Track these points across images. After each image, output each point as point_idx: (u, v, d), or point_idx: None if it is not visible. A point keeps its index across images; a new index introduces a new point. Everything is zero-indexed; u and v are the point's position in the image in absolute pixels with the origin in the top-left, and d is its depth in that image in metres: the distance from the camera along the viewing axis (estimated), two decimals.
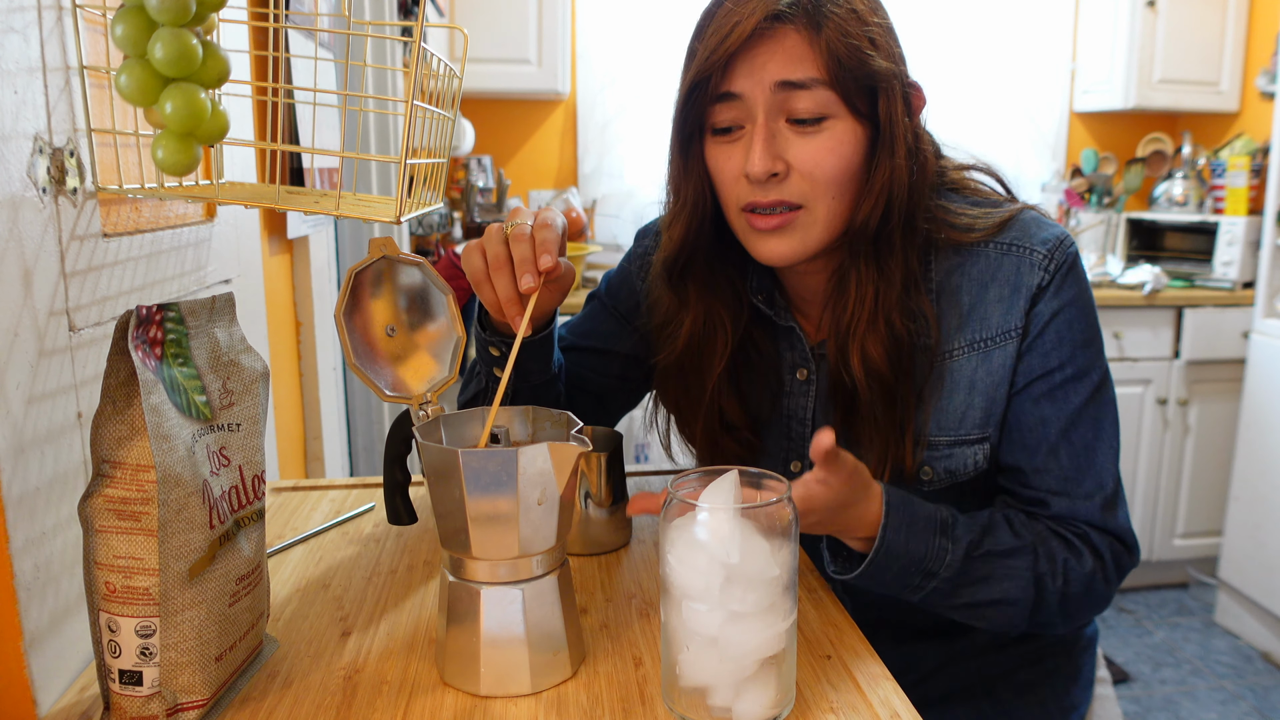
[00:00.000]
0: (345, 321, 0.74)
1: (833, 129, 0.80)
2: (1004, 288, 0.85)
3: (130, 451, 0.56)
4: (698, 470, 0.64)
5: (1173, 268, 3.08)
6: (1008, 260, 0.85)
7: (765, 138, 0.79)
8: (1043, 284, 0.83)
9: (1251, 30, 3.17)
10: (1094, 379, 0.84)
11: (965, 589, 0.80)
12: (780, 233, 0.82)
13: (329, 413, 1.57)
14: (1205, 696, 2.49)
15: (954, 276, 0.87)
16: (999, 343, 0.84)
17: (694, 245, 0.89)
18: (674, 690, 0.62)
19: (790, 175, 0.81)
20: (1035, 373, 0.84)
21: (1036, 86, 3.38)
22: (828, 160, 0.80)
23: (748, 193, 0.82)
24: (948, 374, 0.86)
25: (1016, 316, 0.84)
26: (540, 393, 0.94)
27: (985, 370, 0.85)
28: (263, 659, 0.69)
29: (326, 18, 1.49)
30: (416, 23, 0.67)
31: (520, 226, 0.77)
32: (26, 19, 0.62)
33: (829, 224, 0.83)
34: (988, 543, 0.80)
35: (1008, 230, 0.86)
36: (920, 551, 0.77)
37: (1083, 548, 0.82)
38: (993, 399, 0.85)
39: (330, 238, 1.75)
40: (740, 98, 0.80)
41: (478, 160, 3.06)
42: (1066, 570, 0.81)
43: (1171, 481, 3.00)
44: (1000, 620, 0.82)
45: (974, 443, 0.86)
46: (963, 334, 0.86)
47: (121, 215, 0.76)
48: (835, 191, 0.81)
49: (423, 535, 0.93)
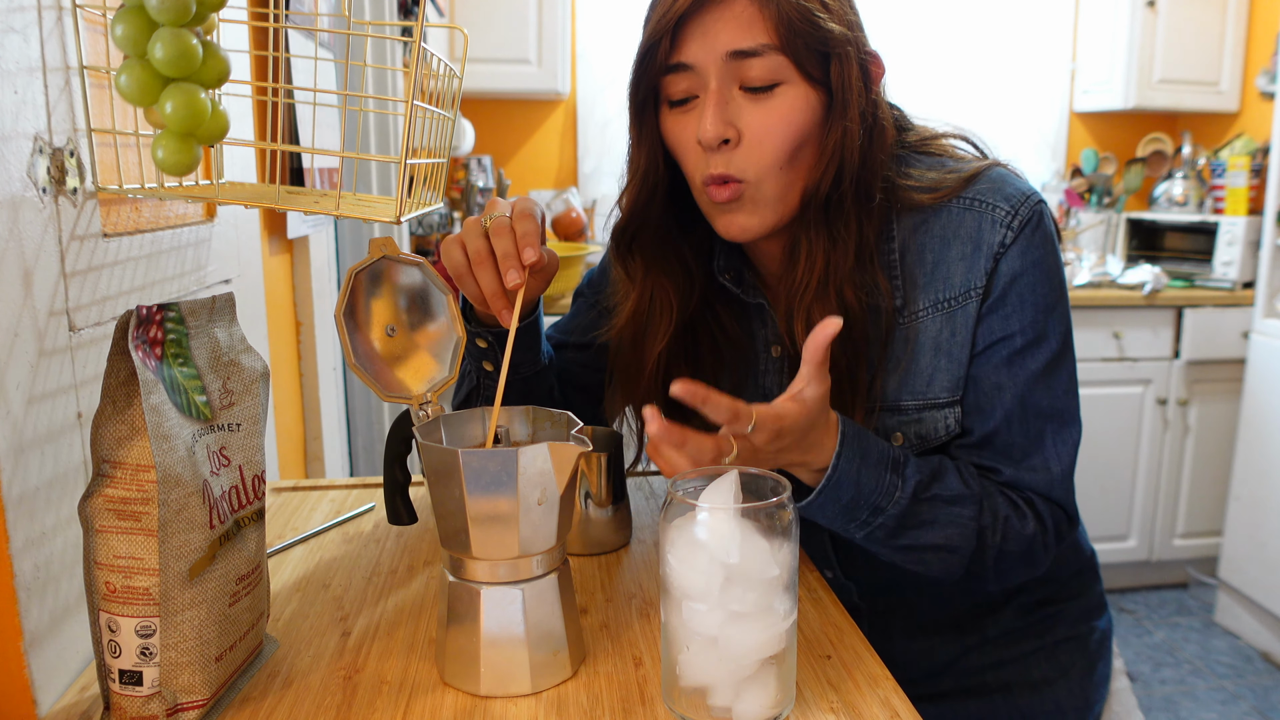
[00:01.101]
0: (345, 321, 0.74)
1: (785, 95, 0.78)
2: (966, 245, 0.82)
3: (130, 451, 0.56)
4: (698, 470, 0.64)
5: (1173, 268, 3.08)
6: (969, 216, 0.83)
7: (717, 104, 0.78)
8: (1005, 241, 0.81)
9: (1251, 30, 3.17)
10: (1053, 345, 0.82)
11: (909, 530, 0.78)
12: (734, 207, 0.81)
13: (329, 413, 1.57)
14: (1205, 696, 2.49)
15: (918, 235, 0.85)
16: (961, 302, 0.82)
17: (642, 217, 0.87)
18: (674, 690, 0.62)
19: (742, 143, 0.79)
20: (994, 336, 0.82)
21: (1036, 86, 3.38)
22: (780, 127, 0.78)
23: (705, 164, 0.81)
24: (913, 337, 0.84)
25: (978, 275, 0.82)
26: (532, 385, 0.93)
27: (949, 331, 0.83)
28: (263, 659, 0.69)
29: (326, 18, 1.49)
30: (416, 23, 0.67)
31: (499, 219, 0.76)
32: (26, 19, 0.62)
33: (783, 197, 0.81)
34: (936, 487, 0.79)
35: (972, 186, 0.84)
36: (870, 485, 0.76)
37: (1027, 511, 0.82)
38: (959, 361, 0.83)
39: (330, 238, 1.75)
40: (692, 68, 0.79)
41: (478, 160, 3.06)
42: (1007, 527, 0.81)
43: (1171, 481, 2.99)
44: (937, 567, 0.81)
45: (944, 406, 0.84)
46: (927, 294, 0.84)
47: (121, 215, 0.76)
48: (785, 162, 0.80)
49: (423, 535, 0.93)
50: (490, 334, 0.88)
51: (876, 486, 0.76)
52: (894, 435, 0.85)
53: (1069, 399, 0.84)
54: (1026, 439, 0.83)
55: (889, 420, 0.85)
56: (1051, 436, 0.83)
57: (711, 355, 0.94)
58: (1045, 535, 0.83)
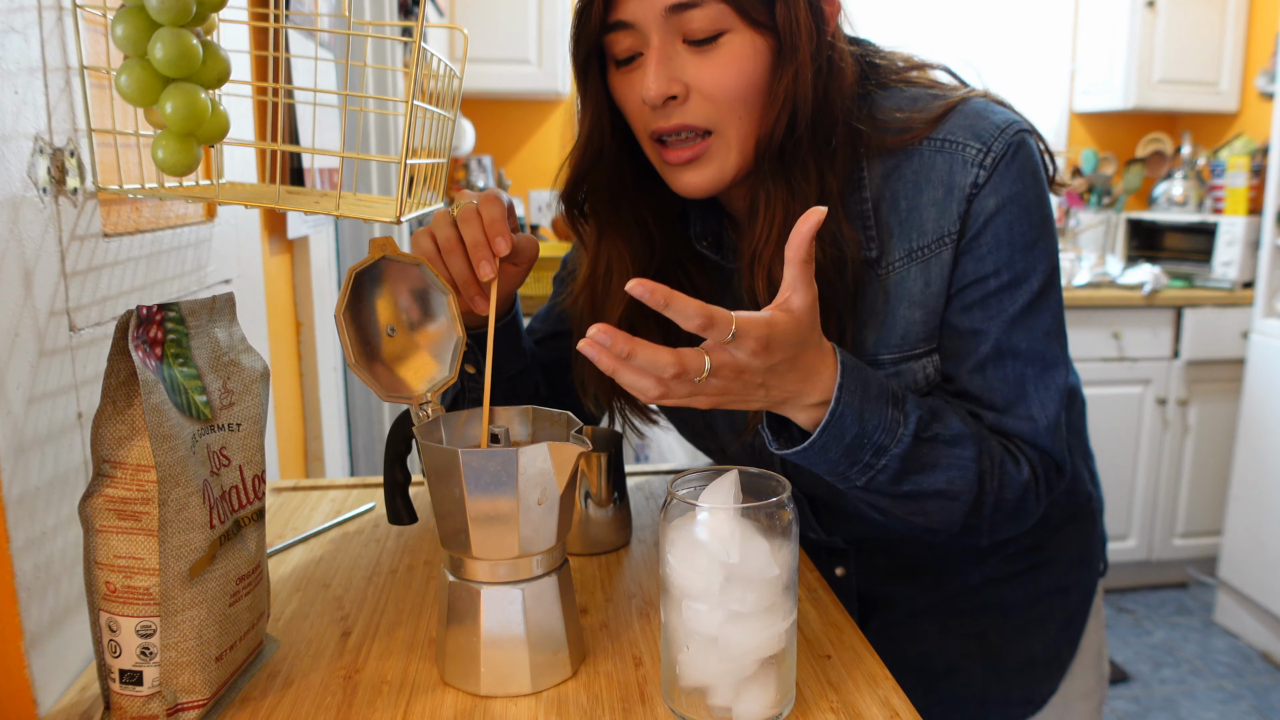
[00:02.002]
0: (345, 321, 0.74)
1: (730, 44, 0.75)
2: (937, 189, 0.77)
3: (130, 451, 0.56)
4: (698, 470, 0.64)
5: (1172, 268, 3.09)
6: (940, 159, 0.78)
7: (659, 60, 0.75)
8: (978, 181, 0.76)
9: (1251, 30, 3.17)
10: (1034, 284, 0.77)
11: (911, 474, 0.73)
12: (696, 164, 0.78)
13: (329, 413, 1.57)
14: (1205, 696, 2.49)
15: (890, 182, 0.79)
16: (935, 250, 0.78)
17: (589, 179, 0.85)
18: (674, 690, 0.62)
19: (690, 97, 0.76)
20: (969, 278, 0.78)
21: (1036, 86, 3.38)
22: (727, 77, 0.75)
23: (651, 119, 0.78)
24: (889, 289, 0.79)
25: (950, 220, 0.77)
26: (517, 385, 0.92)
27: (924, 281, 0.79)
28: (263, 659, 0.69)
29: (326, 18, 1.49)
30: (416, 23, 0.67)
31: (466, 206, 0.76)
32: (26, 19, 0.62)
33: (742, 146, 0.77)
34: (936, 425, 0.74)
35: (943, 124, 0.78)
36: (874, 422, 0.70)
37: (1020, 457, 0.78)
38: (934, 310, 0.79)
39: (330, 238, 1.75)
40: (633, 25, 0.76)
41: (478, 160, 3.06)
42: (1003, 472, 0.76)
43: (1171, 481, 3.00)
44: (938, 515, 0.77)
45: (921, 356, 0.80)
46: (900, 243, 0.79)
47: (122, 215, 0.76)
48: (742, 110, 0.76)
49: (423, 535, 0.93)
50: (471, 335, 0.86)
51: (880, 423, 0.70)
52: None
53: (1051, 341, 0.79)
54: (1006, 386, 0.78)
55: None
56: (1034, 383, 0.78)
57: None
58: (1037, 485, 0.79)
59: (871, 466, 0.72)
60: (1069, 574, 0.98)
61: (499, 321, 0.86)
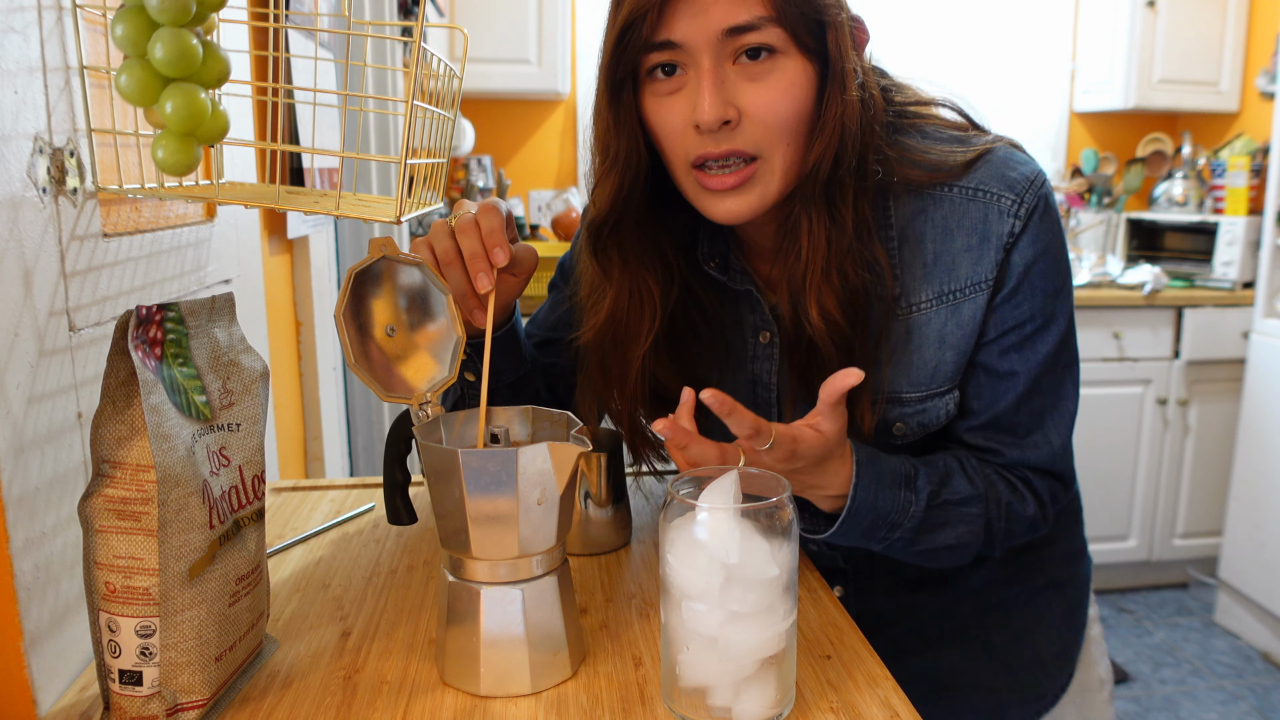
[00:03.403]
0: (345, 321, 0.74)
1: (784, 69, 0.74)
2: (971, 236, 0.80)
3: (130, 451, 0.56)
4: (698, 470, 0.64)
5: (1173, 268, 3.09)
6: (974, 207, 0.80)
7: (714, 84, 0.73)
8: (1014, 231, 0.79)
9: (1251, 30, 3.17)
10: (1061, 325, 0.82)
11: (925, 536, 0.81)
12: (739, 191, 0.77)
13: (329, 413, 1.57)
14: (1205, 696, 2.49)
15: (917, 223, 0.81)
16: (968, 294, 0.80)
17: (624, 207, 0.81)
18: (674, 690, 0.62)
19: (742, 123, 0.75)
20: (1007, 325, 0.81)
21: (1036, 86, 3.38)
22: (781, 103, 0.74)
23: (697, 145, 0.76)
24: (916, 329, 0.82)
25: (987, 268, 0.79)
26: (517, 391, 0.92)
27: (955, 323, 0.81)
28: (263, 659, 0.69)
29: (326, 18, 1.49)
30: (416, 23, 0.67)
31: (465, 217, 0.76)
32: (26, 19, 0.62)
33: (786, 173, 0.77)
34: (945, 492, 0.81)
35: (974, 172, 0.80)
36: (887, 506, 0.78)
37: (1025, 492, 0.84)
38: (963, 351, 0.82)
39: (330, 238, 1.75)
40: (680, 46, 0.74)
41: (478, 160, 3.07)
42: (1010, 513, 0.83)
43: (1171, 481, 3.00)
44: (949, 560, 0.85)
45: (944, 394, 0.84)
46: (929, 285, 0.81)
47: (121, 215, 0.76)
48: (790, 137, 0.76)
49: (423, 535, 0.93)
50: (469, 343, 0.84)
51: (893, 506, 0.78)
52: (895, 425, 0.85)
53: (1066, 372, 0.84)
54: (1030, 418, 0.84)
55: (891, 412, 0.84)
56: (1051, 412, 0.84)
57: (694, 345, 0.90)
58: (1044, 509, 0.86)
59: (887, 539, 0.81)
60: (1063, 569, 0.99)
61: (499, 330, 0.87)
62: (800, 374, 0.85)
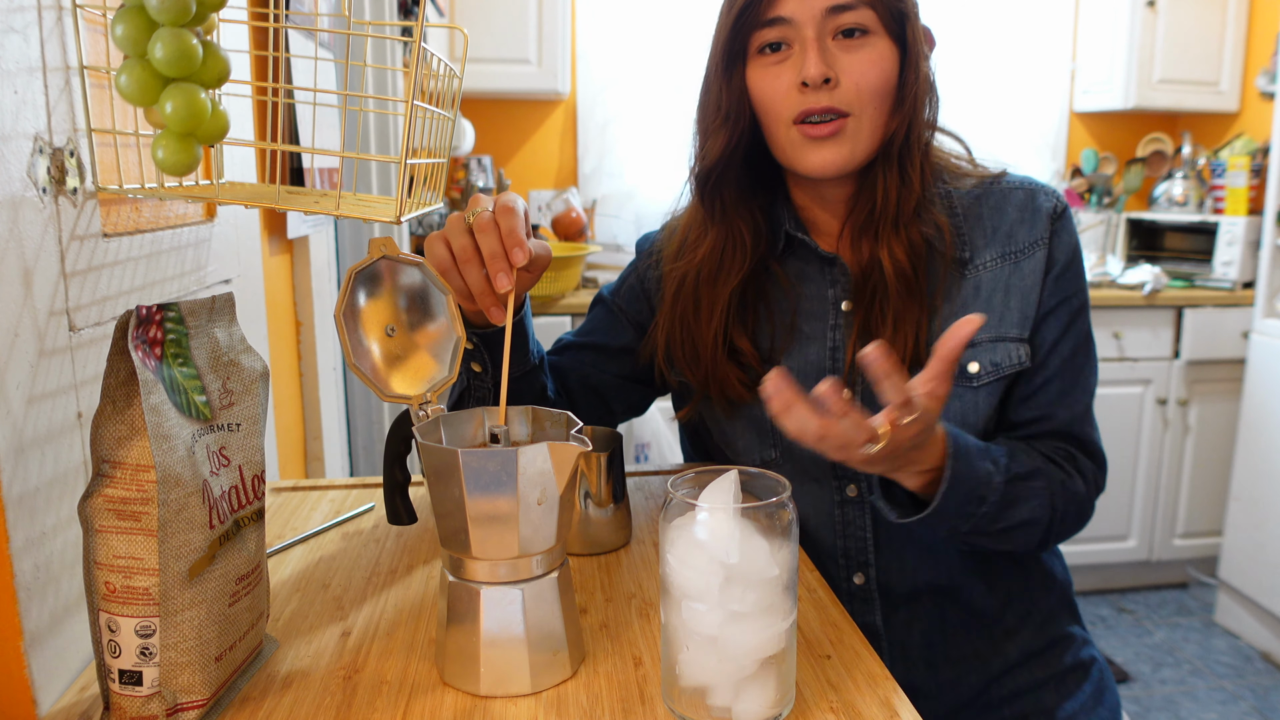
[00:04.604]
0: (345, 321, 0.74)
1: (874, 45, 0.88)
2: (1024, 211, 0.95)
3: (130, 451, 0.56)
4: (697, 470, 0.64)
5: (1173, 268, 3.08)
6: (1020, 193, 0.96)
7: (819, 50, 0.87)
8: (1057, 209, 0.95)
9: (1251, 30, 3.17)
10: (1089, 305, 0.96)
11: (1005, 512, 0.85)
12: (832, 141, 0.89)
13: (329, 413, 1.57)
14: (1205, 696, 2.49)
15: (974, 206, 0.96)
16: (1028, 253, 0.94)
17: (729, 160, 0.94)
18: (674, 690, 0.62)
19: (840, 84, 0.88)
20: (1059, 298, 0.93)
21: (1036, 86, 3.38)
22: (872, 71, 0.88)
23: (799, 102, 0.88)
24: (984, 283, 0.94)
25: (1041, 229, 0.94)
26: (521, 386, 0.93)
27: (1018, 276, 0.93)
28: (263, 659, 0.69)
29: (326, 18, 1.49)
30: (416, 23, 0.67)
31: (483, 214, 0.76)
32: (26, 19, 0.62)
33: (872, 134, 0.90)
34: (1014, 465, 0.86)
35: (1004, 178, 0.98)
36: (978, 474, 0.82)
37: (1073, 470, 0.91)
38: (1027, 300, 0.93)
39: (330, 238, 1.75)
40: (789, 21, 0.87)
41: (478, 160, 3.07)
42: (1066, 490, 0.89)
43: (1171, 481, 2.99)
44: (1021, 541, 0.88)
45: (1014, 340, 0.93)
46: (992, 249, 0.94)
47: (121, 215, 0.76)
48: (877, 103, 0.89)
49: (423, 535, 0.93)
50: (477, 334, 0.88)
51: (981, 476, 0.82)
52: (969, 364, 0.92)
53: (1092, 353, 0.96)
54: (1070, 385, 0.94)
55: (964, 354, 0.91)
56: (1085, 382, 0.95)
57: (771, 313, 1.00)
58: (1090, 490, 0.92)
59: (973, 515, 0.83)
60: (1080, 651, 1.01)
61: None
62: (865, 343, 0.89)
